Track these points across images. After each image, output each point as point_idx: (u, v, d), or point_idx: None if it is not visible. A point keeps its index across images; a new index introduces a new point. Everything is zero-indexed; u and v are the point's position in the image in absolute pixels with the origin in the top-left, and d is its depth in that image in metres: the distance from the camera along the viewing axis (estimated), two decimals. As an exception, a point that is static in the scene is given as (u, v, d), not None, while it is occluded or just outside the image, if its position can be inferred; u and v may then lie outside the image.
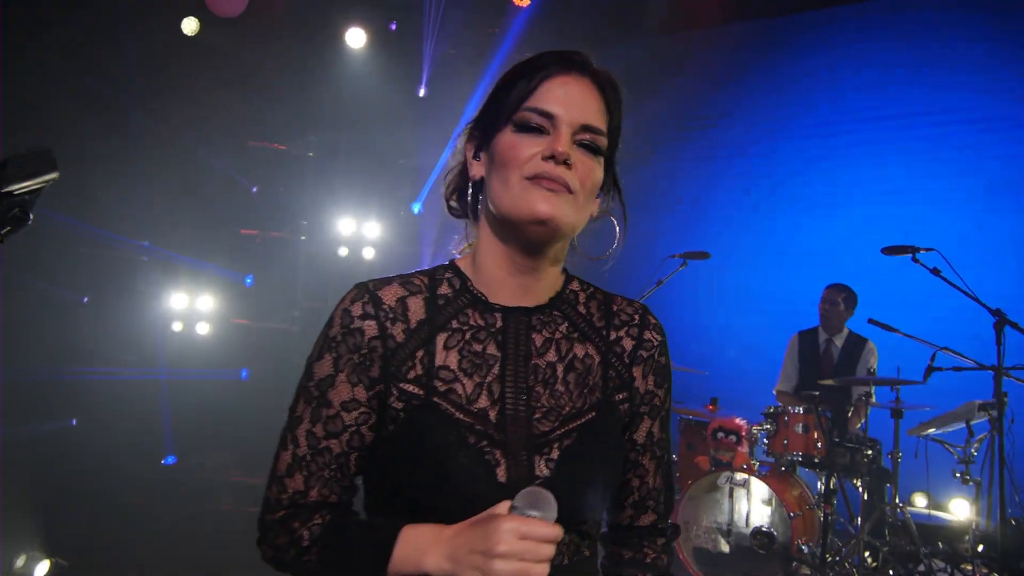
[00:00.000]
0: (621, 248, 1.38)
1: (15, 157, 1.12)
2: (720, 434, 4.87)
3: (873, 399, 5.34)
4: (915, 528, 5.02)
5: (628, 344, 1.36)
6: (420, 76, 7.71)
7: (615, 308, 1.39)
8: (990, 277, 5.27)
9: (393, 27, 7.80)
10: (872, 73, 6.91)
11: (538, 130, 1.23)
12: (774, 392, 5.66)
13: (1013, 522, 5.05)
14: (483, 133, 1.30)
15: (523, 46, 7.21)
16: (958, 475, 5.05)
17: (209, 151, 7.39)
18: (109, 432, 6.87)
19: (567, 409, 1.27)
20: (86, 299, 7.01)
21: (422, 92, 7.79)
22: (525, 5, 7.42)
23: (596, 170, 1.26)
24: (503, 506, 1.09)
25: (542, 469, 1.21)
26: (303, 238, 7.98)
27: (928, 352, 4.79)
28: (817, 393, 4.96)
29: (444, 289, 1.30)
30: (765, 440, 4.95)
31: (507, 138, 1.23)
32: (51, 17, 6.09)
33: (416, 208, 7.93)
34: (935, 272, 4.70)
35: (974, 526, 5.16)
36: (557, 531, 1.06)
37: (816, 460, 4.85)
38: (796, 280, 6.77)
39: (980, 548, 5.12)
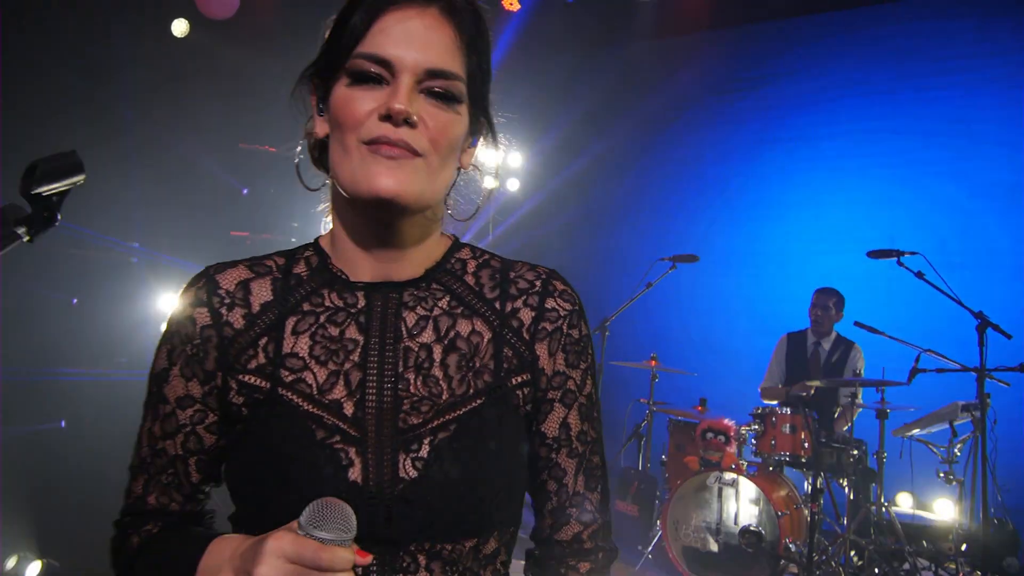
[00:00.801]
0: (487, 201, 1.21)
1: (44, 160, 1.17)
2: (709, 434, 4.93)
3: (859, 401, 5.43)
4: (900, 527, 5.10)
5: (527, 316, 1.13)
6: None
7: (512, 275, 1.16)
8: (973, 280, 5.36)
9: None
10: (857, 79, 7.01)
11: (376, 79, 1.02)
12: (759, 389, 5.73)
13: (996, 521, 5.13)
14: (323, 82, 1.09)
15: (515, 52, 7.28)
16: (942, 475, 5.14)
17: (200, 152, 7.40)
18: (99, 433, 6.84)
19: (445, 397, 1.06)
20: (75, 300, 7.00)
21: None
22: (515, 9, 7.47)
23: (452, 123, 1.04)
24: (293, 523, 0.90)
25: (408, 470, 1.01)
26: (293, 240, 7.99)
27: (912, 354, 4.87)
28: (805, 394, 5.04)
29: (299, 268, 1.13)
30: (753, 440, 5.02)
31: (341, 92, 1.03)
32: (41, 16, 6.09)
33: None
34: (919, 275, 4.78)
35: (957, 525, 5.25)
36: (342, 556, 0.87)
37: (803, 460, 4.92)
38: (783, 283, 6.85)
39: (963, 547, 5.21)
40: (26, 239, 1.13)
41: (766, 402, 5.52)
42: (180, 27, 7.31)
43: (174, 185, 7.08)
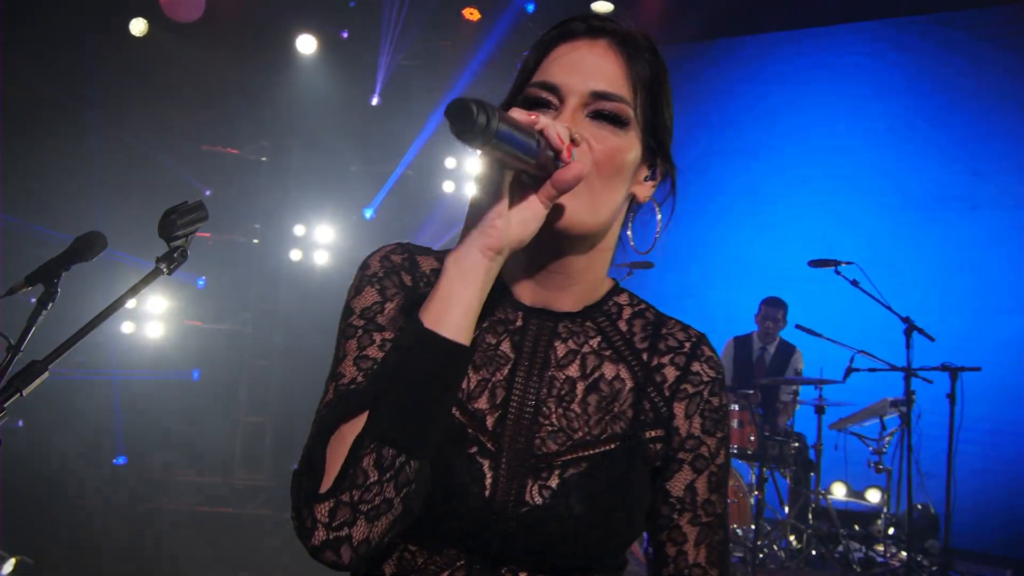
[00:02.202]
0: (659, 237, 1.17)
1: (177, 211, 1.44)
2: None
3: (799, 398, 5.85)
4: (835, 513, 5.54)
5: (671, 374, 1.13)
6: (373, 85, 7.92)
7: (664, 331, 1.15)
8: (902, 286, 5.79)
9: (345, 35, 7.99)
10: (796, 97, 7.45)
11: (545, 104, 1.04)
12: None
13: (919, 507, 5.62)
14: None
15: (478, 60, 7.51)
16: (872, 465, 5.60)
17: (162, 153, 7.45)
18: (60, 433, 6.88)
19: (580, 434, 1.06)
20: (35, 300, 7.00)
21: (375, 101, 8.01)
22: (475, 20, 7.71)
23: (618, 146, 1.04)
24: None
25: (534, 496, 1.01)
26: (256, 241, 8.09)
27: (847, 355, 5.31)
28: (751, 392, 5.44)
29: None
30: None
31: None
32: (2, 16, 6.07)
33: (368, 214, 8.14)
34: (854, 283, 5.22)
35: (886, 511, 5.72)
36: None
37: (749, 452, 5.30)
38: (731, 289, 7.25)
39: (891, 530, 5.69)
40: (166, 272, 1.38)
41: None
42: (139, 26, 7.33)
43: (136, 186, 7.12)
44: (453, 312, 0.95)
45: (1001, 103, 6.62)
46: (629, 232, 1.17)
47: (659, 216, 1.16)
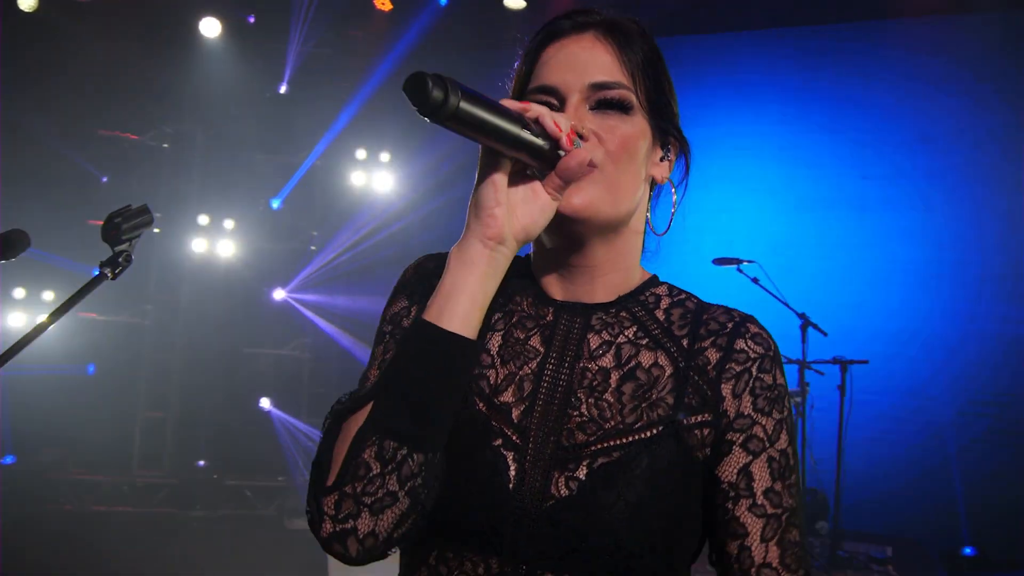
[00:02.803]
0: (674, 212, 1.15)
1: (122, 215, 1.40)
2: None
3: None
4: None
5: (713, 356, 1.06)
6: (282, 73, 7.75)
7: (705, 317, 1.10)
8: (798, 284, 6.08)
9: (251, 20, 7.78)
10: (702, 101, 7.69)
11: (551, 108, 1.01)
12: None
13: (811, 491, 5.94)
14: None
15: (391, 50, 7.45)
16: (768, 453, 5.86)
17: (55, 137, 7.10)
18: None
19: (612, 423, 1.00)
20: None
21: (283, 89, 7.84)
22: (387, 10, 7.63)
23: (627, 133, 1.02)
24: None
25: (560, 488, 0.97)
26: (156, 231, 7.80)
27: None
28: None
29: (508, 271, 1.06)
30: None
31: None
32: None
33: (275, 204, 7.97)
34: (754, 281, 5.48)
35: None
36: None
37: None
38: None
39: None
40: (110, 278, 1.36)
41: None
42: (27, 1, 6.96)
43: (28, 171, 6.78)
44: (455, 303, 0.95)
45: (887, 113, 7.03)
46: (648, 214, 1.15)
47: (674, 195, 1.14)
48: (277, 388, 7.87)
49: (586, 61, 1.04)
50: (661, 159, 1.12)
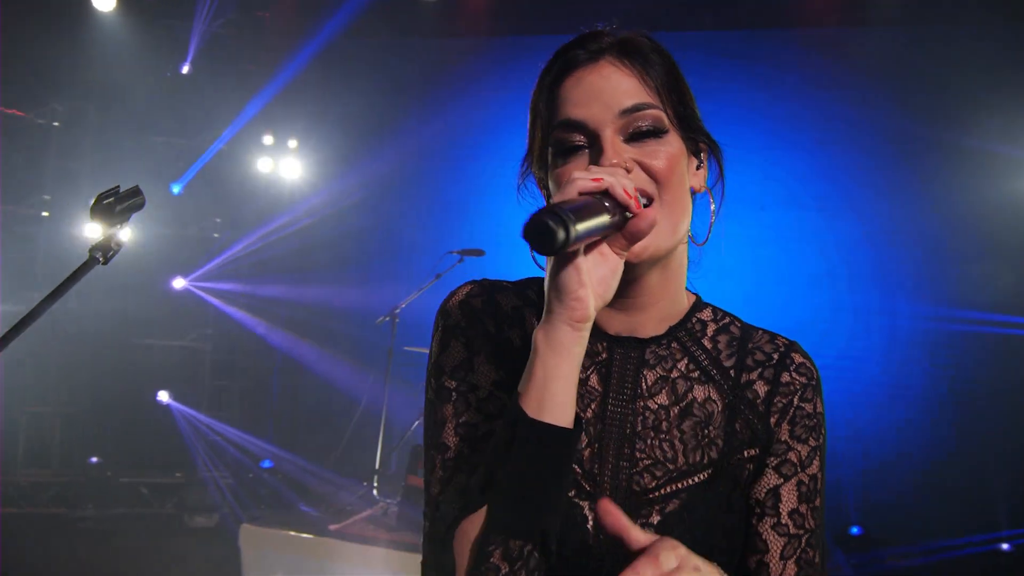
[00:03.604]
0: (715, 219, 1.14)
1: (113, 195, 1.32)
2: None
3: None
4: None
5: (762, 389, 1.09)
6: (185, 52, 7.42)
7: (751, 345, 1.12)
8: (703, 279, 6.31)
9: (150, -5, 7.41)
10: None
11: (580, 147, 1.03)
12: None
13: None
14: (540, 168, 1.12)
15: (304, 35, 7.26)
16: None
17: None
18: None
19: (679, 463, 1.04)
20: None
21: (186, 69, 7.51)
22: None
23: (671, 152, 1.03)
24: None
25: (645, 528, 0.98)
26: (45, 214, 7.34)
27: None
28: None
29: None
30: None
31: (556, 169, 1.05)
32: None
33: (176, 189, 7.63)
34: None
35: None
36: None
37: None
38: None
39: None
40: (102, 262, 1.29)
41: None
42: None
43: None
44: (553, 393, 0.93)
45: (789, 115, 7.39)
46: (690, 234, 1.14)
47: (712, 203, 1.14)
48: (176, 381, 7.56)
49: (609, 89, 1.02)
50: (697, 167, 1.12)
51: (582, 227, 0.85)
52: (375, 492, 5.73)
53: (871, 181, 7.30)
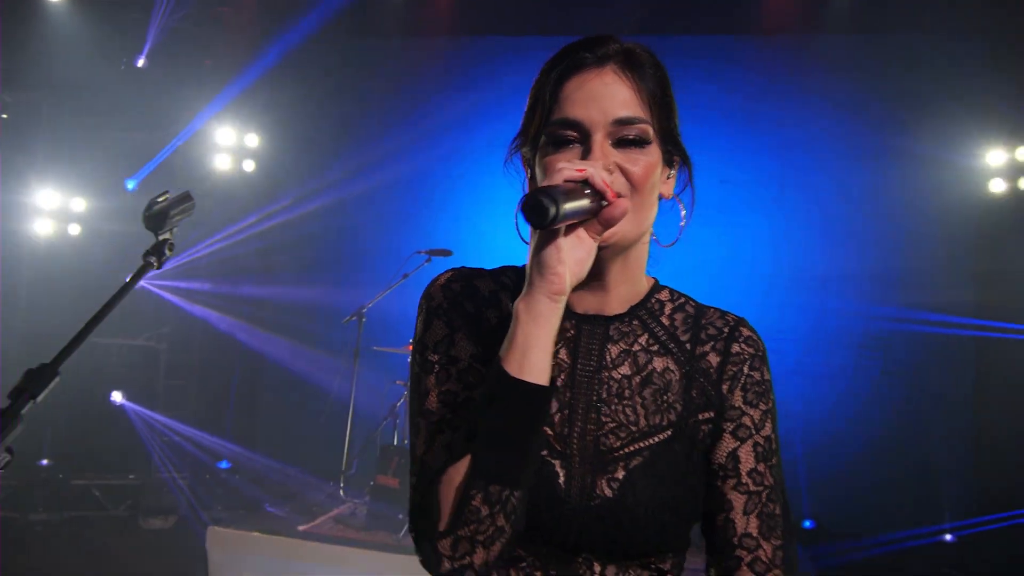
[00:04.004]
0: (687, 223, 1.25)
1: (167, 200, 1.33)
2: None
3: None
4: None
5: (714, 360, 1.22)
6: (140, 46, 7.27)
7: (704, 321, 1.25)
8: (661, 279, 6.44)
9: (105, -16, 7.25)
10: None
11: (572, 141, 1.14)
12: None
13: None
14: (530, 149, 1.22)
15: (262, 32, 7.18)
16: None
17: None
18: None
19: (640, 425, 1.16)
20: None
21: (142, 62, 7.36)
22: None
23: (647, 164, 1.14)
24: None
25: (604, 490, 1.12)
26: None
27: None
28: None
29: None
30: None
31: (548, 157, 1.16)
32: None
33: (131, 185, 7.47)
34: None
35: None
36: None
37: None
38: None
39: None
40: (156, 267, 1.31)
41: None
42: None
43: None
44: (533, 357, 1.05)
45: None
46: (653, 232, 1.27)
47: (682, 211, 1.26)
48: (130, 380, 7.40)
49: (608, 96, 1.13)
50: (668, 177, 1.24)
51: (567, 207, 1.00)
52: (342, 492, 5.71)
53: (824, 183, 7.53)
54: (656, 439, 1.16)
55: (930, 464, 7.17)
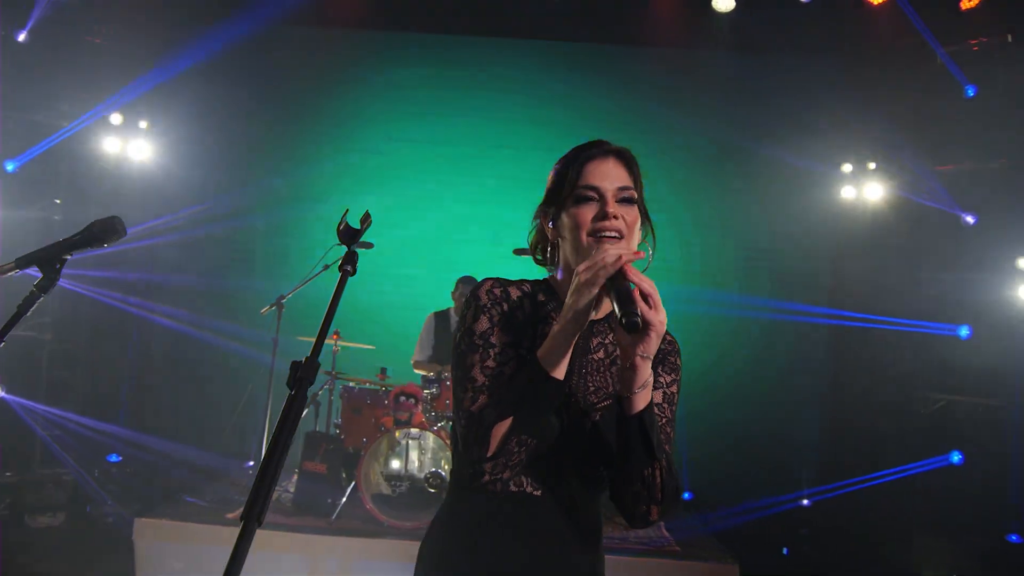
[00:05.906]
0: (651, 261, 1.78)
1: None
2: (402, 398, 5.61)
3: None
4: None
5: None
6: (24, 19, 6.85)
7: None
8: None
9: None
10: (490, 102, 8.24)
11: (590, 200, 1.71)
12: (412, 362, 6.41)
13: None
14: (555, 209, 1.78)
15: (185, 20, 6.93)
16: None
17: None
18: None
19: (608, 389, 1.77)
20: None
21: (23, 37, 6.93)
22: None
23: (635, 213, 1.73)
24: None
25: (587, 425, 1.73)
26: None
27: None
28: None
29: (543, 296, 1.80)
30: (431, 401, 5.66)
31: (572, 210, 1.72)
32: None
33: (10, 167, 7.03)
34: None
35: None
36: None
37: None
38: (435, 267, 7.82)
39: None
40: (351, 272, 1.46)
41: (417, 372, 6.27)
42: None
43: None
44: (561, 363, 1.61)
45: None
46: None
47: (650, 256, 1.79)
48: (10, 372, 6.99)
49: (614, 174, 1.74)
50: (640, 227, 1.81)
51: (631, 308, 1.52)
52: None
53: (703, 186, 8.21)
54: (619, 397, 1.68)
55: (788, 440, 8.02)
